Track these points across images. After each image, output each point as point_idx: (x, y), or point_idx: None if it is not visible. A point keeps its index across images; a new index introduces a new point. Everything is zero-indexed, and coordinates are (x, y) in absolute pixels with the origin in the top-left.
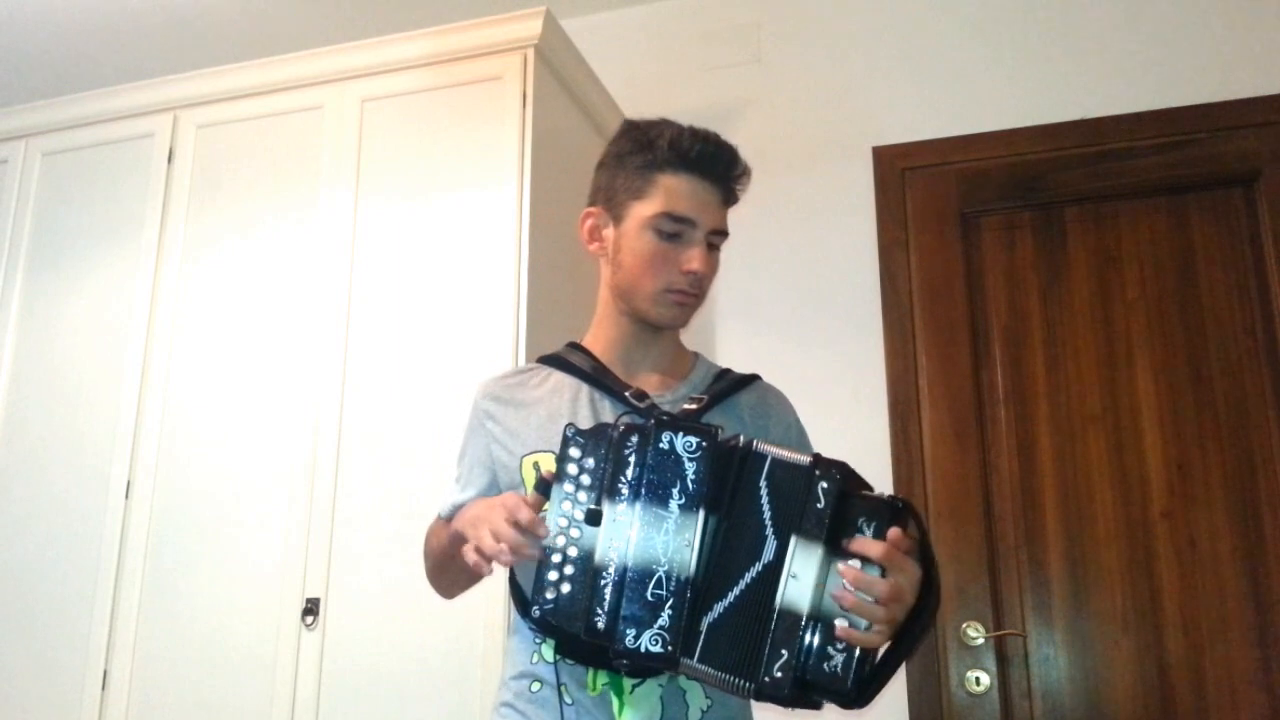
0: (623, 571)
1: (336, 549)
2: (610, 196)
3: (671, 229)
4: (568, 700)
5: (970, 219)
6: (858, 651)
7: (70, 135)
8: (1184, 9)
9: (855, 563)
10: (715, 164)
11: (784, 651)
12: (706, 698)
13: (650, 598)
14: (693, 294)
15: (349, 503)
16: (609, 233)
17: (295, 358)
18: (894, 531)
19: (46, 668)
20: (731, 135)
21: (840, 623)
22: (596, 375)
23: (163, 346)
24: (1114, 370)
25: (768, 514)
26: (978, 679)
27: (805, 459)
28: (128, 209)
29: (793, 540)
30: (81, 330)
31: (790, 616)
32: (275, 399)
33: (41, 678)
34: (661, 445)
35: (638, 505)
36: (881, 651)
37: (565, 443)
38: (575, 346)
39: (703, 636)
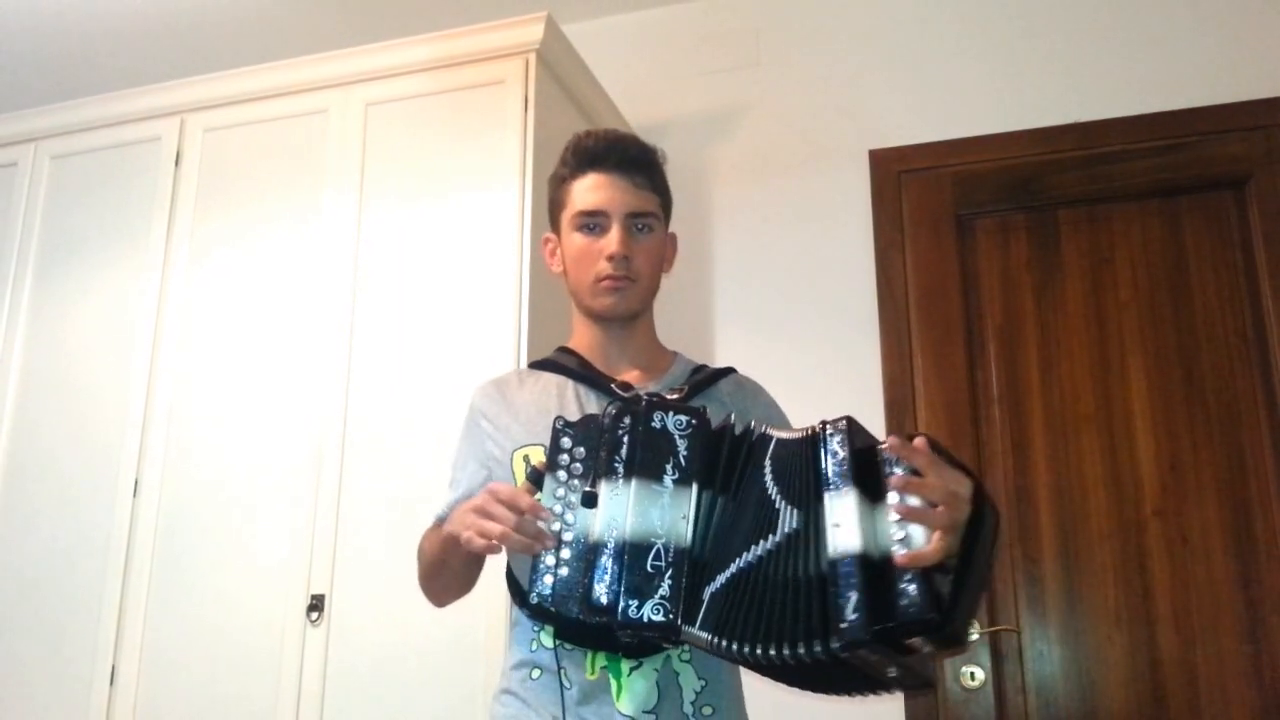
0: (621, 545)
1: (341, 546)
2: (552, 217)
3: (588, 223)
4: (567, 684)
5: (965, 221)
6: (927, 578)
7: (78, 139)
8: (1176, 14)
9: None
10: (611, 155)
11: (850, 594)
12: (700, 679)
13: (650, 569)
14: (621, 275)
15: (353, 501)
16: (559, 250)
17: (300, 358)
18: (921, 440)
19: (55, 664)
20: (730, 138)
21: (898, 550)
22: (582, 371)
23: (170, 347)
24: (1107, 370)
25: (773, 488)
26: (972, 674)
27: (808, 429)
28: (135, 211)
29: (826, 496)
30: (90, 331)
31: (847, 561)
32: (280, 399)
33: (50, 674)
34: (654, 425)
35: (633, 482)
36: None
37: (555, 435)
38: (563, 350)
39: (704, 605)
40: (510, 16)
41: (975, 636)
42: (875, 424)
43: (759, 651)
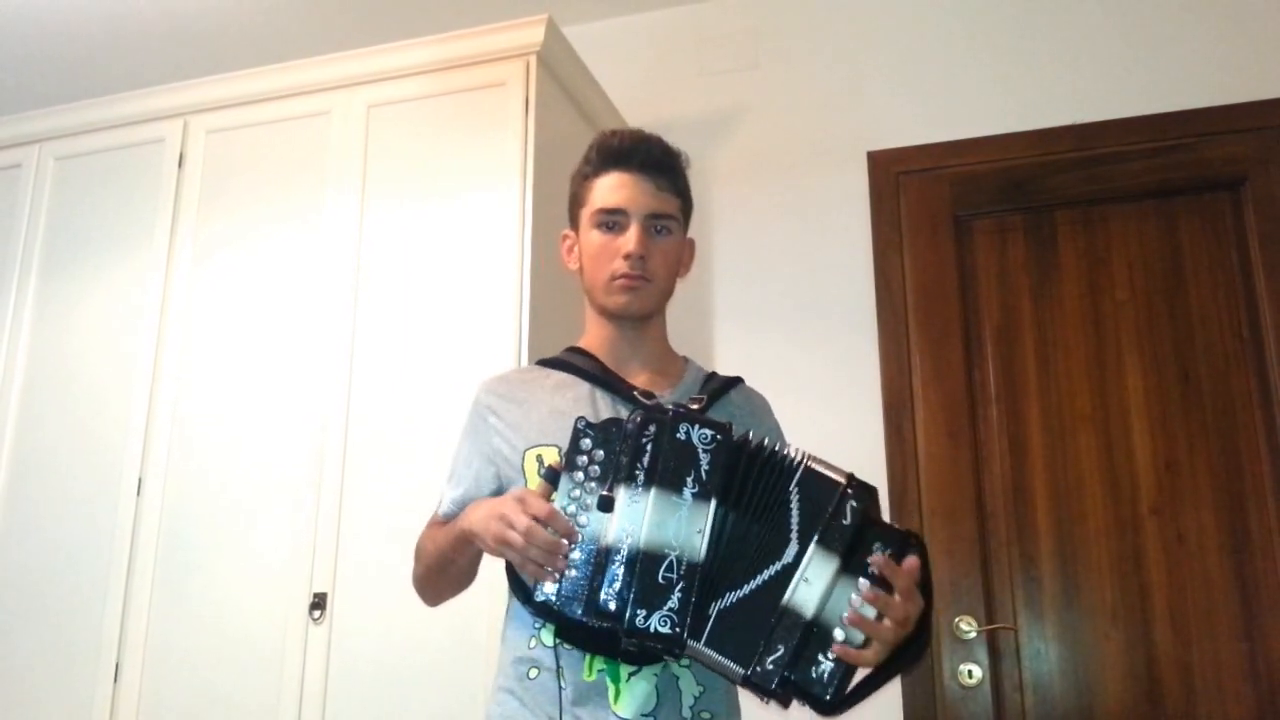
0: (635, 554)
1: (343, 545)
2: (571, 214)
3: (608, 221)
4: (563, 684)
5: (963, 222)
6: (845, 666)
7: (82, 140)
8: (1172, 16)
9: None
10: (636, 155)
11: (780, 647)
12: (698, 685)
13: (661, 580)
14: (637, 275)
15: (355, 499)
16: (576, 246)
17: (302, 358)
18: (912, 560)
19: (60, 662)
20: (729, 140)
21: (838, 634)
22: (601, 375)
23: (173, 347)
24: (1104, 370)
25: (795, 519)
26: (970, 672)
27: (841, 476)
28: (139, 212)
29: (812, 546)
30: (94, 331)
31: (794, 616)
32: (283, 398)
33: (55, 672)
34: (679, 436)
35: (652, 491)
36: (866, 671)
37: (576, 435)
38: (575, 350)
39: (711, 621)
40: (511, 19)
41: (973, 634)
42: (874, 424)
43: (729, 666)
